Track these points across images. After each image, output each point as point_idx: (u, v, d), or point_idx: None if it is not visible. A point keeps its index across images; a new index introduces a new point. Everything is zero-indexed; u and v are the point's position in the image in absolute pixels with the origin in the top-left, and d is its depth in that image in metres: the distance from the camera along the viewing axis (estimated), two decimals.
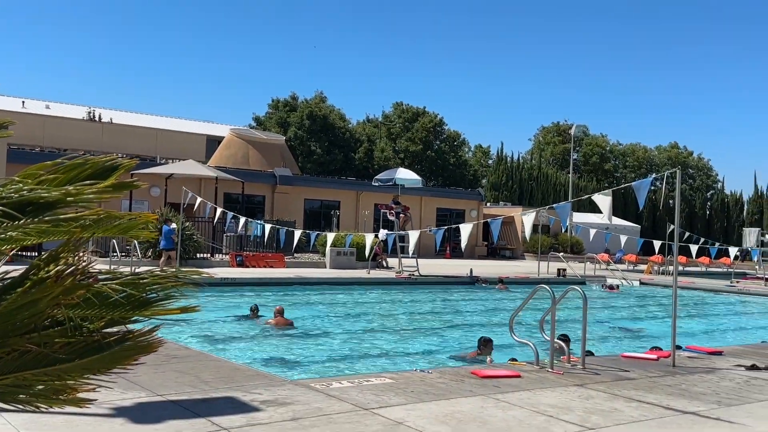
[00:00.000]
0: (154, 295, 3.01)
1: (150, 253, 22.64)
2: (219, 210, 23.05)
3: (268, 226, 22.76)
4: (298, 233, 22.84)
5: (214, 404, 5.73)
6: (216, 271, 20.37)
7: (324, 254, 25.97)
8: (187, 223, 23.67)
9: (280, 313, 12.92)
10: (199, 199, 22.64)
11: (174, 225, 21.32)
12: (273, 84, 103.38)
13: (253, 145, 38.99)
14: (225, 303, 16.11)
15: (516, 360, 8.78)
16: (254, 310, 13.64)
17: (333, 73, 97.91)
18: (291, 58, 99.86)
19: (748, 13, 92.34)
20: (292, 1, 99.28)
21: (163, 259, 21.12)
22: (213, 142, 44.18)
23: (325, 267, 25.22)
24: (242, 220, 22.43)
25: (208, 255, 25.44)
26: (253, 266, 23.92)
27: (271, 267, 24.22)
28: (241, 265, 23.86)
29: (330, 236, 21.81)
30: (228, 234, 26.47)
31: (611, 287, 24.02)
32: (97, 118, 46.57)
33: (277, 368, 9.47)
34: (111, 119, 46.82)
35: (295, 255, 27.04)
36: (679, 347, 9.36)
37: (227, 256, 25.25)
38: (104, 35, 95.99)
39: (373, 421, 5.44)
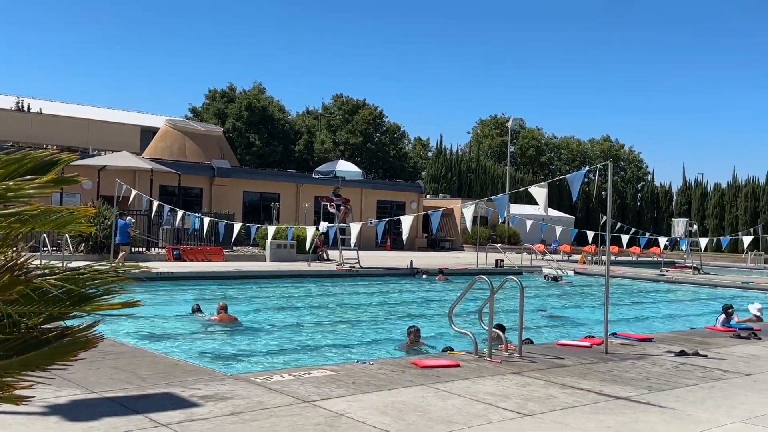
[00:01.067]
0: (94, 290, 2.95)
1: (82, 248, 22.02)
2: (155, 203, 22.56)
3: (206, 219, 22.41)
4: (237, 226, 22.55)
5: (152, 400, 5.64)
6: (152, 266, 19.90)
7: (264, 247, 25.74)
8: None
9: (223, 309, 12.73)
10: (134, 192, 22.09)
11: (130, 219, 21.00)
12: (210, 74, 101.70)
13: (190, 136, 38.22)
14: (162, 298, 15.81)
15: (452, 349, 8.91)
16: (196, 310, 13.36)
17: (271, 65, 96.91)
18: (228, 48, 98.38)
19: (675, 12, 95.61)
20: None
21: (121, 254, 20.80)
22: (148, 133, 43.07)
23: (265, 260, 25.01)
24: (179, 213, 22.00)
25: (144, 249, 24.88)
26: (191, 260, 23.53)
27: (210, 261, 23.87)
28: (178, 258, 23.43)
29: (271, 229, 21.60)
30: (164, 227, 25.93)
31: (555, 278, 24.54)
32: (25, 109, 44.84)
33: (217, 363, 9.36)
34: (40, 109, 45.14)
35: (234, 248, 26.70)
36: (612, 334, 9.67)
37: (164, 250, 24.74)
38: (33, 23, 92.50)
39: (315, 413, 5.45)
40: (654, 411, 5.98)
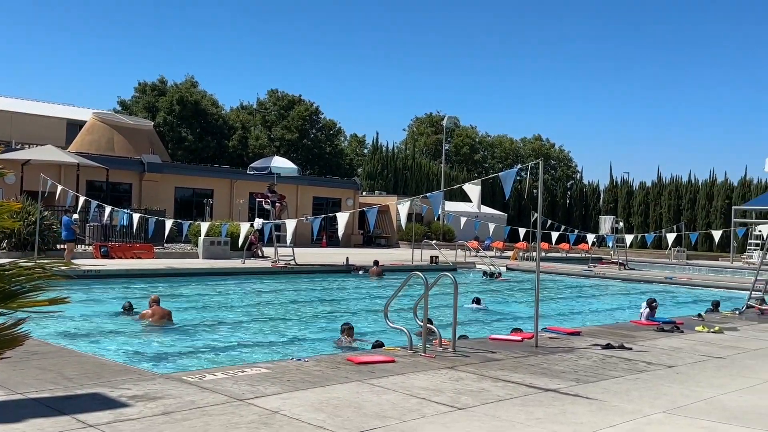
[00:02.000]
0: (20, 287, 2.85)
1: (5, 245, 21.18)
2: (81, 198, 21.85)
3: (135, 216, 21.83)
4: (169, 222, 22.07)
5: (80, 401, 5.48)
6: (79, 263, 19.33)
7: (196, 244, 25.27)
8: (46, 213, 22.29)
9: (156, 302, 12.43)
10: (59, 187, 21.36)
11: (75, 216, 20.45)
12: (140, 67, 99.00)
13: (119, 130, 37.17)
14: (89, 297, 15.34)
15: (382, 344, 8.97)
16: (128, 308, 12.96)
17: (204, 58, 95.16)
18: (160, 40, 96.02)
19: (602, 12, 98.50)
20: None
21: (68, 250, 20.41)
22: (74, 126, 41.66)
23: (198, 257, 24.57)
24: (107, 209, 21.37)
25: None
26: (120, 257, 22.90)
27: (140, 258, 23.29)
28: (106, 256, 22.78)
29: (204, 226, 21.20)
30: (92, 224, 25.15)
31: (492, 274, 24.89)
32: None
33: (147, 363, 9.17)
34: None
35: (166, 246, 26.13)
36: (542, 329, 9.92)
37: (91, 248, 24.00)
38: None
39: (248, 411, 5.41)
40: (582, 402, 6.16)
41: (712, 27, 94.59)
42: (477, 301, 16.04)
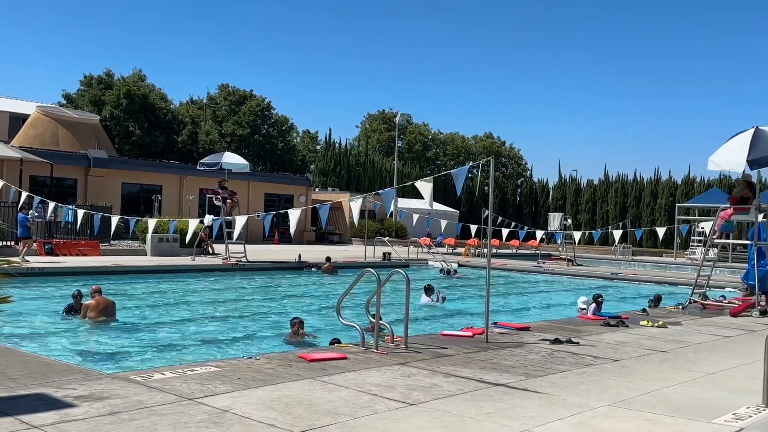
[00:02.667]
0: None
1: None
2: (24, 194, 21.23)
3: (80, 212, 21.32)
4: (115, 219, 21.59)
5: (23, 402, 5.33)
6: (14, 261, 18.76)
7: (144, 241, 24.80)
8: None
9: (97, 292, 12.14)
10: (1, 182, 20.71)
11: (32, 212, 20.46)
12: (86, 59, 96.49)
13: (63, 124, 36.20)
14: (33, 294, 14.93)
15: (339, 342, 8.97)
16: (77, 295, 12.51)
17: (153, 51, 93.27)
18: (106, 32, 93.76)
19: (554, 10, 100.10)
20: None
21: (22, 248, 20.08)
22: (17, 120, 40.39)
23: (146, 254, 24.12)
24: (51, 204, 20.81)
25: (12, 243, 23.36)
26: (65, 254, 22.33)
27: (85, 255, 22.74)
28: (50, 253, 22.17)
29: (151, 222, 20.82)
30: (35, 220, 24.44)
31: (449, 271, 25.03)
32: None
33: (93, 362, 8.97)
34: None
35: (113, 242, 25.57)
36: (492, 323, 10.05)
37: (34, 244, 23.33)
38: None
39: (198, 410, 5.34)
40: (530, 396, 6.27)
41: (656, 26, 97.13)
42: (429, 289, 16.07)
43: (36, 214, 20.76)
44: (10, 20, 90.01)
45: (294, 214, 15.03)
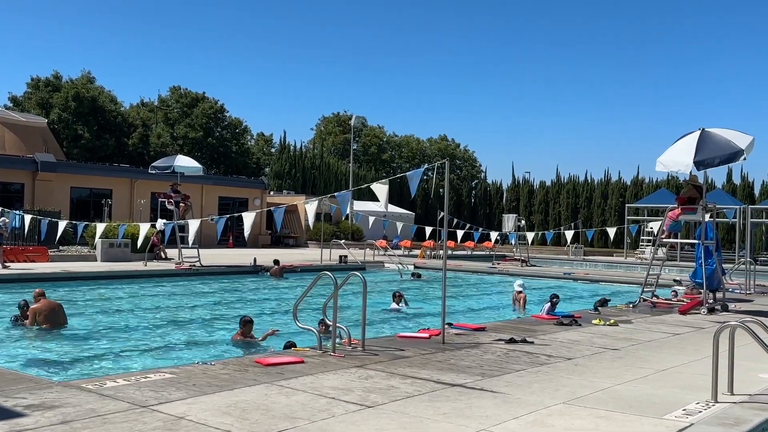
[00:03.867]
0: None
1: None
2: None
3: (27, 217, 20.73)
4: (63, 224, 21.05)
5: None
6: None
7: (94, 247, 24.26)
8: None
9: (41, 295, 11.83)
10: None
11: (3, 218, 19.92)
12: (32, 61, 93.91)
13: (10, 127, 35.27)
14: None
15: (295, 345, 8.92)
16: (23, 305, 12.15)
17: (101, 52, 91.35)
18: (54, 33, 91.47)
19: (506, 10, 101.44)
20: None
21: None
22: None
23: (96, 260, 23.59)
24: None
25: None
26: (12, 261, 21.68)
27: (33, 261, 22.14)
28: None
29: (100, 227, 20.34)
30: (5, 227, 23.71)
31: (419, 275, 25.02)
32: None
33: (43, 371, 8.73)
34: None
35: (61, 248, 24.95)
36: (449, 324, 10.12)
37: None
38: None
39: (152, 418, 5.25)
40: (487, 396, 6.33)
41: (607, 29, 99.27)
42: (397, 296, 15.98)
43: (6, 220, 20.20)
44: None
45: (248, 218, 14.89)
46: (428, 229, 31.67)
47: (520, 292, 16.41)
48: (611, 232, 29.49)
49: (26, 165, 31.22)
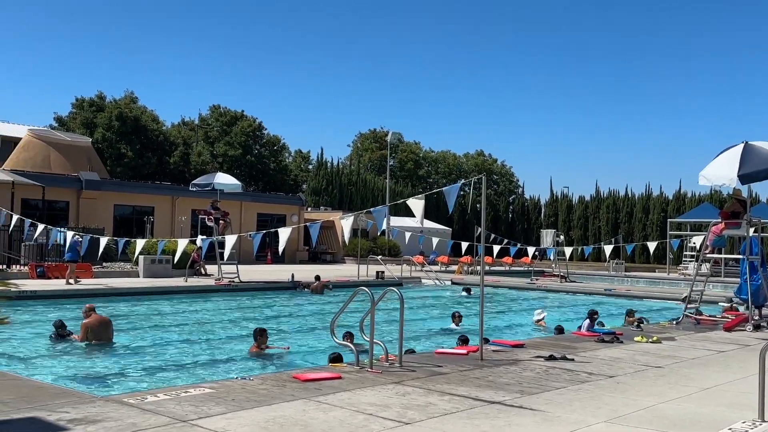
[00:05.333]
0: None
1: None
2: (14, 217, 21.15)
3: (69, 234, 21.17)
4: (104, 240, 21.43)
5: (15, 426, 5.28)
6: (12, 284, 18.65)
7: (137, 263, 24.70)
8: None
9: (92, 310, 12.14)
10: None
11: (78, 237, 20.89)
12: (77, 82, 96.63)
13: (55, 147, 36.20)
14: (25, 318, 14.81)
15: (341, 359, 8.91)
16: (59, 326, 12.44)
17: (144, 73, 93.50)
18: (98, 54, 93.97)
19: (545, 27, 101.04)
20: None
21: (69, 270, 20.69)
22: (9, 143, 40.32)
23: (139, 276, 24.01)
24: (39, 227, 20.73)
25: (4, 266, 23.26)
26: (56, 277, 22.19)
27: (78, 278, 22.60)
28: (42, 276, 22.05)
29: (140, 243, 20.63)
30: (27, 243, 24.35)
31: (468, 290, 24.85)
32: None
33: (87, 385, 8.89)
34: None
35: (105, 265, 25.46)
36: (486, 341, 10.02)
37: (26, 267, 23.21)
38: None
39: None
40: (526, 414, 6.25)
41: (647, 43, 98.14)
42: (458, 318, 15.64)
43: (80, 239, 21.06)
44: (3, 44, 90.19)
45: (284, 233, 14.99)
46: (464, 245, 31.48)
47: (540, 320, 16.58)
48: (652, 246, 28.93)
49: (71, 183, 32.00)
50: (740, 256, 15.57)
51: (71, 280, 20.85)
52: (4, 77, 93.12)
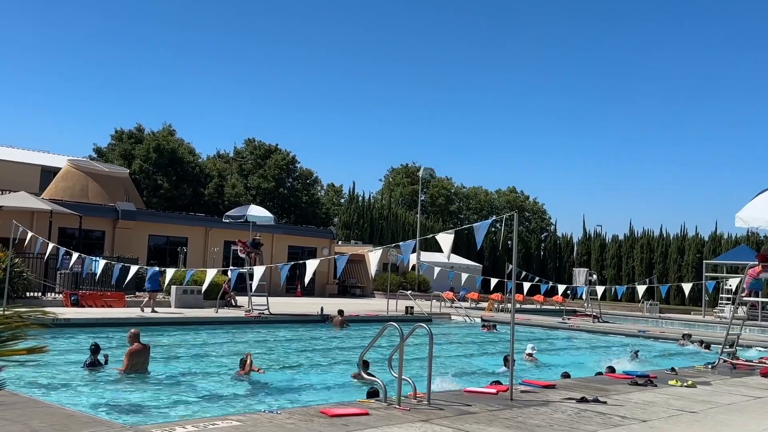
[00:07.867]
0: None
1: None
2: (50, 245, 21.57)
3: (101, 263, 21.44)
4: (134, 269, 21.66)
5: None
6: (49, 311, 18.95)
7: (168, 293, 24.96)
8: (17, 260, 21.93)
9: (136, 337, 12.40)
10: (30, 234, 21.09)
11: (157, 269, 22.32)
12: (117, 114, 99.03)
13: (93, 177, 37.00)
14: (57, 346, 15.01)
15: (378, 394, 8.88)
16: (94, 350, 12.61)
17: (182, 106, 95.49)
18: (137, 87, 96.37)
19: (579, 64, 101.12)
20: (137, 31, 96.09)
21: (150, 299, 21.99)
22: (49, 173, 41.32)
23: (170, 306, 24.24)
24: (74, 255, 21.10)
25: (39, 294, 23.67)
26: (90, 306, 22.52)
27: (110, 306, 22.92)
28: (76, 304, 22.38)
29: (169, 272, 20.82)
30: (62, 271, 24.78)
31: (493, 326, 24.92)
32: None
33: (116, 414, 8.96)
34: None
35: (137, 294, 25.77)
36: (517, 381, 9.89)
37: (61, 296, 23.60)
38: None
39: None
40: None
41: (681, 81, 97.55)
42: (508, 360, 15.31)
43: (153, 268, 22.00)
44: (45, 76, 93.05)
45: (311, 265, 15.07)
46: (493, 281, 31.22)
47: (531, 354, 16.55)
48: (687, 288, 28.41)
49: (108, 213, 32.61)
50: None
51: (147, 309, 21.96)
52: (46, 108, 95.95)
